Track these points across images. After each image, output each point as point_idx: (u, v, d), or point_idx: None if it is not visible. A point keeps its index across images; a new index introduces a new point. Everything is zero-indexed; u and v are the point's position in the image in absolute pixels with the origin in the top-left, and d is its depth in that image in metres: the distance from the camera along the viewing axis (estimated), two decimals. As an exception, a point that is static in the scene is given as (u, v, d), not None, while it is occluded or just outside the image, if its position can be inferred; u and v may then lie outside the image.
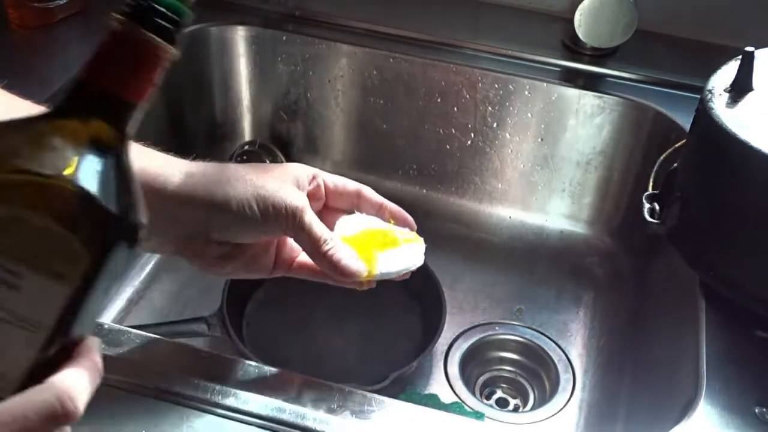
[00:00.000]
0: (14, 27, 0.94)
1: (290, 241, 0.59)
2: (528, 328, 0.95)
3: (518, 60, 1.00)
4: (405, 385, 0.85)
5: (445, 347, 0.92)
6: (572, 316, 0.97)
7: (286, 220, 0.53)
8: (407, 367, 0.81)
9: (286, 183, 0.55)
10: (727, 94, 0.64)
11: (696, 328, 0.67)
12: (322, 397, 0.58)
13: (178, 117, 1.04)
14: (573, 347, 0.93)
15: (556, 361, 0.91)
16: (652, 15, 0.99)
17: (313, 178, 0.58)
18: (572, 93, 0.97)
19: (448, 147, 1.05)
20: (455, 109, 1.02)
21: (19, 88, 0.88)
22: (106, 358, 0.40)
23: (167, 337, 0.67)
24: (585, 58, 1.00)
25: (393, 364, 0.82)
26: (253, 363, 0.61)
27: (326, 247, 0.54)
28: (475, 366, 0.92)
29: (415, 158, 1.08)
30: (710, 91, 0.65)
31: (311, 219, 0.54)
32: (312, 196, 0.58)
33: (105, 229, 0.37)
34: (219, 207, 0.52)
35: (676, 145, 0.79)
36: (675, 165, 0.72)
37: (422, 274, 0.92)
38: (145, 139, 1.07)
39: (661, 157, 0.80)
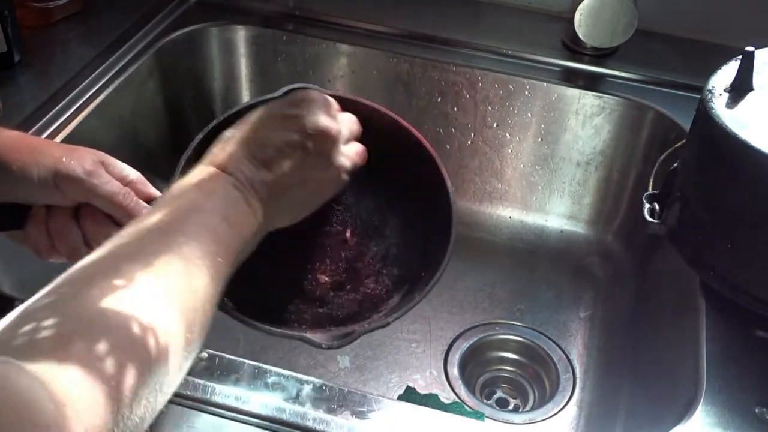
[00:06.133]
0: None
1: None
2: (528, 328, 0.95)
3: (518, 60, 1.00)
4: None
5: (445, 347, 0.92)
6: (572, 316, 0.97)
7: (76, 185, 0.56)
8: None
9: (74, 152, 0.57)
10: (727, 94, 0.64)
11: (696, 328, 0.67)
12: (322, 397, 0.58)
13: (178, 117, 1.04)
14: (573, 347, 0.93)
15: (556, 361, 0.91)
16: (652, 15, 0.99)
17: (101, 162, 0.60)
18: (572, 93, 0.97)
19: (448, 147, 1.05)
20: (455, 109, 1.02)
21: (19, 87, 0.89)
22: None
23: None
24: (585, 58, 1.00)
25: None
26: (253, 363, 0.61)
27: (122, 199, 0.57)
28: (475, 366, 0.92)
29: (415, 158, 1.08)
30: (710, 91, 0.65)
31: (104, 179, 0.57)
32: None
33: None
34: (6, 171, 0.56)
35: (676, 145, 0.79)
36: (675, 165, 0.72)
37: None
38: (145, 138, 1.07)
39: (661, 157, 0.80)
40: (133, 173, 0.59)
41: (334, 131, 0.56)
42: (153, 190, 0.60)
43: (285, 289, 0.64)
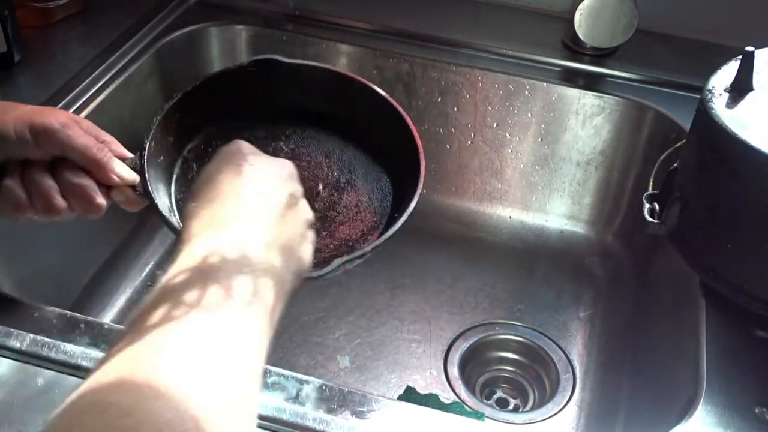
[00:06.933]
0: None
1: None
2: (528, 328, 0.95)
3: (518, 60, 1.00)
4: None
5: (445, 347, 0.92)
6: (572, 316, 0.97)
7: (51, 136, 0.56)
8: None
9: (49, 108, 0.58)
10: (727, 94, 0.64)
11: (696, 328, 0.67)
12: (322, 397, 0.58)
13: (178, 117, 1.04)
14: (573, 347, 0.93)
15: (556, 361, 0.91)
16: (652, 15, 0.99)
17: (76, 122, 0.59)
18: (572, 93, 0.97)
19: (448, 147, 1.05)
20: (455, 109, 1.02)
21: (19, 87, 0.89)
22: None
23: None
24: (585, 58, 1.00)
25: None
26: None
27: (97, 152, 0.57)
28: (475, 366, 0.92)
29: (415, 158, 1.08)
30: (710, 91, 0.65)
31: (78, 133, 0.57)
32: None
33: None
34: None
35: (676, 145, 0.79)
36: (675, 165, 0.72)
37: None
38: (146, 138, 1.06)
39: (661, 157, 0.80)
40: (107, 136, 0.59)
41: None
42: (125, 151, 0.60)
43: None
